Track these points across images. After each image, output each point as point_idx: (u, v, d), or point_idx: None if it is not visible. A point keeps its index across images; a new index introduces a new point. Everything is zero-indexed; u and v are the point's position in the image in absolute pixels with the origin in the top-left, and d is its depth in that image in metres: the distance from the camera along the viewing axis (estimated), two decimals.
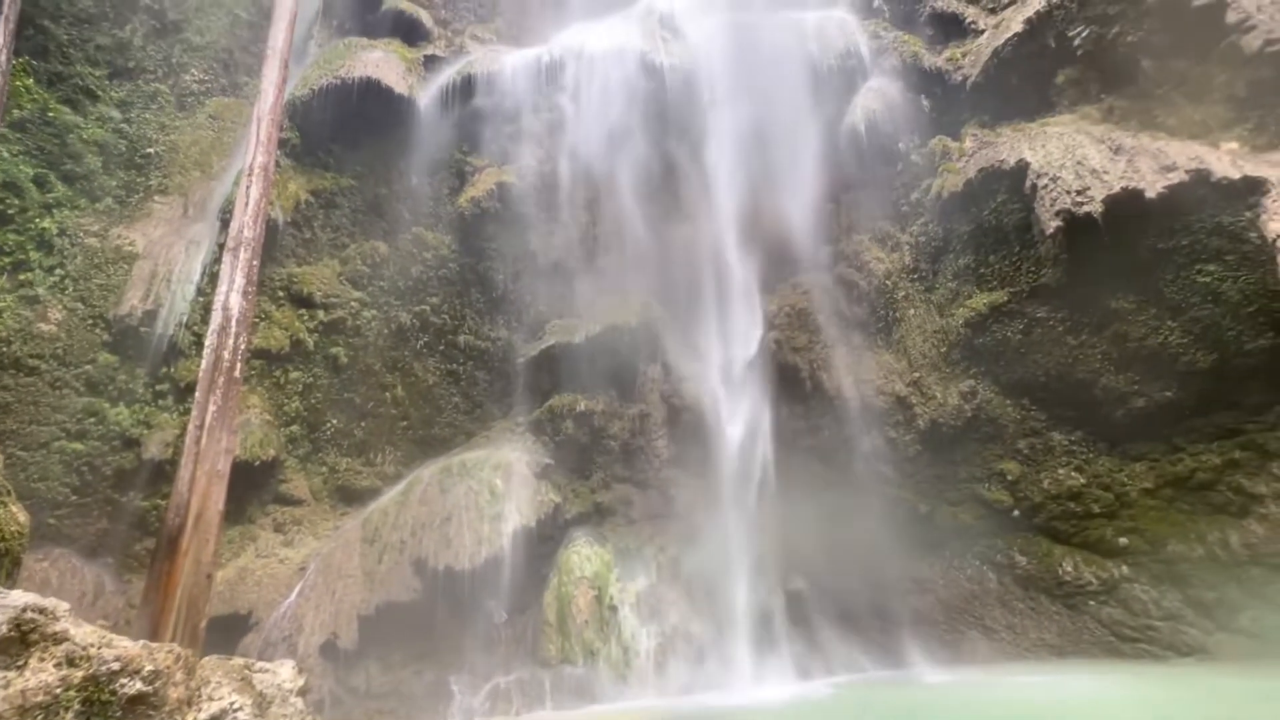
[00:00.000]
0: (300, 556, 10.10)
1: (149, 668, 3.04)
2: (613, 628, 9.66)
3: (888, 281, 12.00)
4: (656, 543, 10.76)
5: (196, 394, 7.25)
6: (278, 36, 9.21)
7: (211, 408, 7.06)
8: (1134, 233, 9.07)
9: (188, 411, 8.05)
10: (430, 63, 13.32)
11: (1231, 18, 8.83)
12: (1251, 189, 8.31)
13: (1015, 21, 11.01)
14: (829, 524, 10.80)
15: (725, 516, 11.05)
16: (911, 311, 11.83)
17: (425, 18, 14.40)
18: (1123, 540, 10.09)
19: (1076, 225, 9.20)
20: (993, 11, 11.94)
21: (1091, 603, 10.23)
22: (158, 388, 10.09)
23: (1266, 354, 8.77)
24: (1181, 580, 9.56)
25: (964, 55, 11.90)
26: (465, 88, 12.62)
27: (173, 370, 10.15)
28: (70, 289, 9.97)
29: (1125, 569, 10.05)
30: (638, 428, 11.56)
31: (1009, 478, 10.91)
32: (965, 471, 11.22)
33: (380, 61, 12.39)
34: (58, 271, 9.95)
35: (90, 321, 9.95)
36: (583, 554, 10.35)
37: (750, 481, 11.41)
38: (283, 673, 3.68)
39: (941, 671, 9.28)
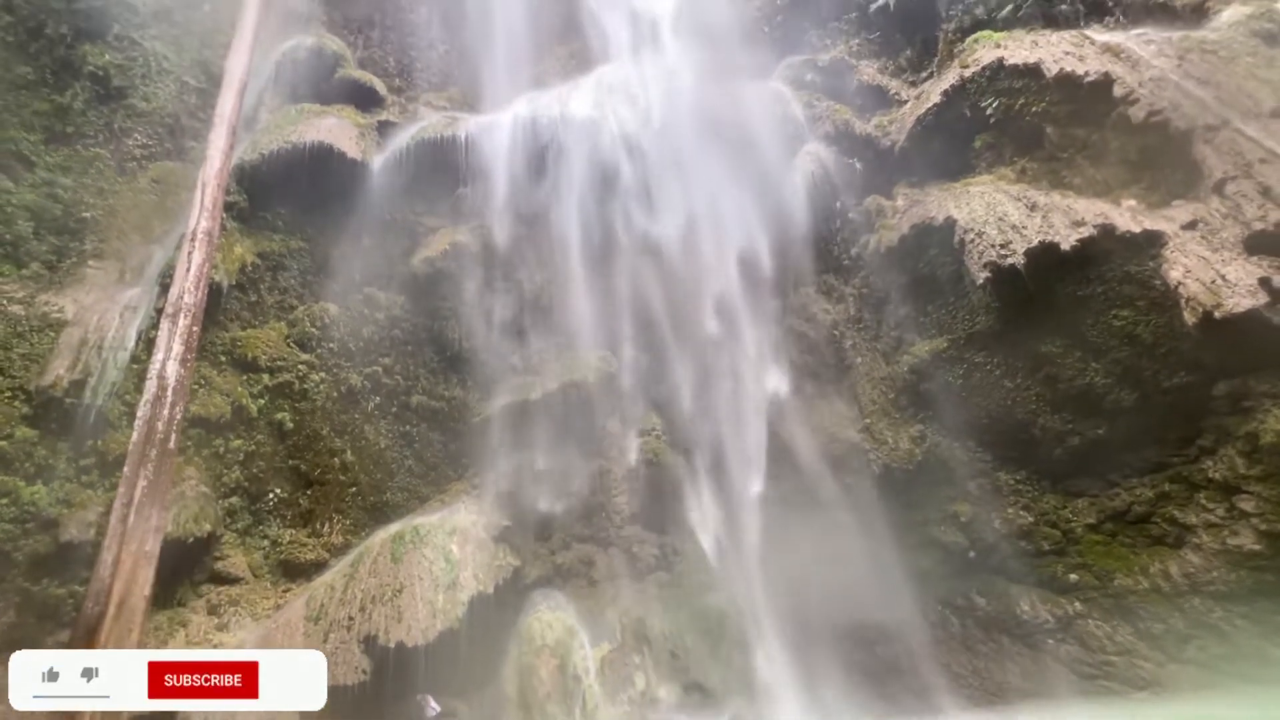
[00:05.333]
0: (236, 640, 9.33)
1: None
2: (576, 698, 9.19)
3: (835, 331, 12.47)
4: (620, 604, 10.43)
5: (125, 469, 6.83)
6: (226, 104, 9.24)
7: (141, 483, 6.64)
8: (1054, 281, 9.77)
9: (114, 488, 7.52)
10: (384, 128, 13.53)
11: (1118, 91, 9.90)
12: (1151, 241, 9.12)
13: (934, 93, 12.06)
14: (799, 578, 10.74)
15: (694, 575, 10.86)
16: (859, 360, 12.27)
17: (379, 86, 14.73)
18: (1073, 576, 10.37)
19: (1003, 275, 9.86)
20: (913, 84, 13.07)
21: (1050, 641, 10.38)
22: (81, 463, 9.39)
23: (1181, 392, 9.40)
24: (1131, 614, 9.83)
25: (890, 123, 12.90)
26: (419, 151, 12.83)
27: (99, 443, 9.51)
28: None
29: (1078, 605, 10.28)
30: (598, 484, 11.39)
31: (962, 519, 11.16)
32: (920, 515, 11.43)
33: (333, 127, 12.52)
34: None
35: (9, 394, 9.30)
36: (544, 620, 9.93)
37: (715, 536, 11.32)
38: None
39: None
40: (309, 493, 11.07)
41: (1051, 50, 10.68)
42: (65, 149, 11.43)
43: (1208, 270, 8.56)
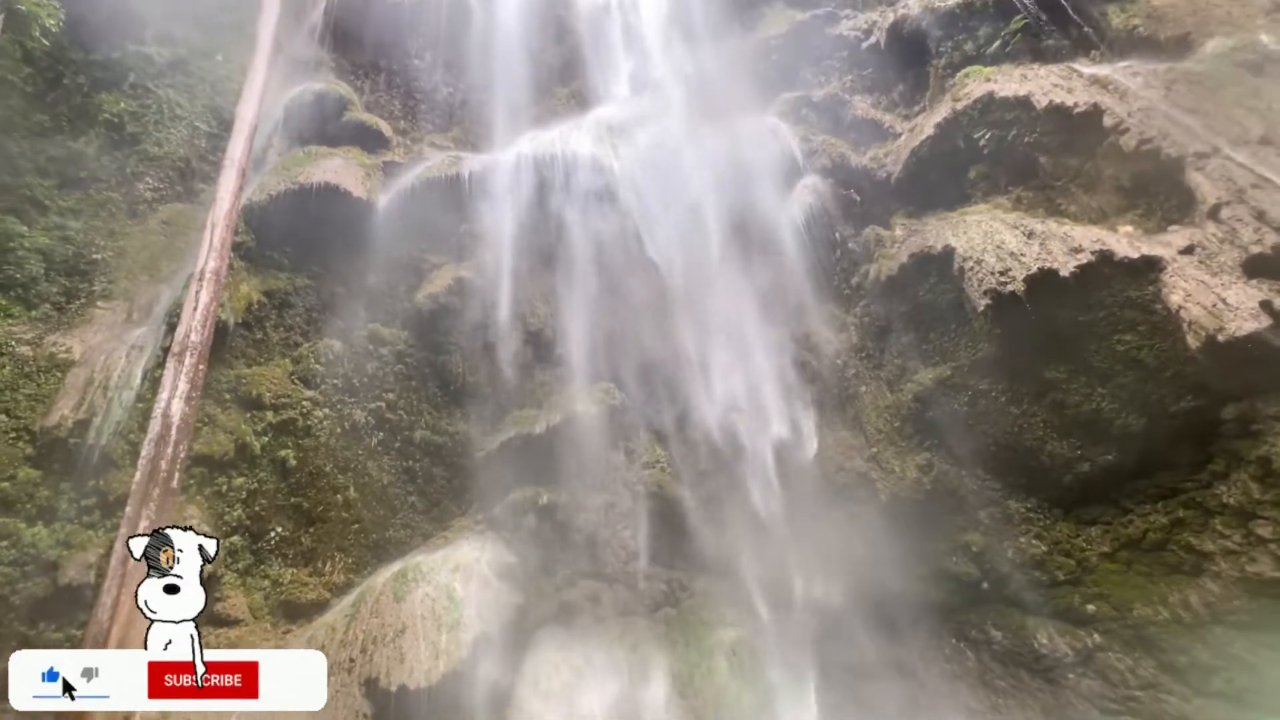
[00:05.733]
0: None
1: None
2: None
3: (838, 360, 12.47)
4: (627, 642, 10.18)
5: (128, 508, 6.78)
6: (236, 147, 9.47)
7: (144, 523, 6.58)
8: (1055, 307, 9.79)
9: (115, 528, 7.46)
10: (389, 168, 13.82)
11: (1108, 121, 10.10)
12: (1150, 266, 9.17)
13: (927, 126, 12.31)
14: (809, 611, 10.52)
15: (703, 611, 10.63)
16: (863, 389, 12.24)
17: (385, 128, 15.10)
18: (1090, 607, 10.12)
19: (1004, 302, 9.89)
20: (907, 118, 13.38)
21: (1071, 675, 10.07)
22: (83, 503, 9.33)
23: (1189, 416, 9.32)
24: (1152, 645, 9.56)
25: (886, 155, 13.14)
26: (423, 190, 13.07)
27: (101, 483, 9.46)
28: None
29: (1097, 637, 10.01)
30: (603, 519, 11.25)
31: (974, 549, 10.96)
32: (930, 545, 11.23)
33: (340, 168, 12.79)
34: None
35: (13, 435, 9.31)
36: (549, 660, 9.69)
37: (724, 572, 11.12)
38: None
39: None
40: (311, 531, 10.94)
41: (1040, 83, 10.95)
42: (78, 193, 11.68)
43: (1208, 294, 8.59)
